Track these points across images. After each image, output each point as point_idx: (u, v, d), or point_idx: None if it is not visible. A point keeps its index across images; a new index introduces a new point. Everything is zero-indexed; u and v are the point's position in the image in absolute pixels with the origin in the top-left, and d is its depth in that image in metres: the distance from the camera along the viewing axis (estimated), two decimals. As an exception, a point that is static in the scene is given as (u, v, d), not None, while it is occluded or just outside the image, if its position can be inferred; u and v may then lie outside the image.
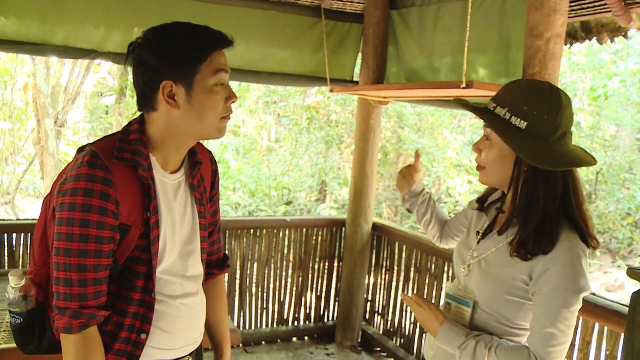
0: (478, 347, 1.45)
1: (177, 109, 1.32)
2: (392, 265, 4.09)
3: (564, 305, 1.39)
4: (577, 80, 9.48)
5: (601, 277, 8.10)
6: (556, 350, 1.39)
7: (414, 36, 3.65)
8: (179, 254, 1.44)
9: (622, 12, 2.70)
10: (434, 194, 8.91)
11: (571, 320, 1.40)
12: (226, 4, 3.52)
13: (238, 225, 4.03)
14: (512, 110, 1.44)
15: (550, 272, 1.40)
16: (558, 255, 1.40)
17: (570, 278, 1.38)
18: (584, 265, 1.41)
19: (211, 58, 1.32)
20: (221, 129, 1.38)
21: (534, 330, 1.43)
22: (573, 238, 1.42)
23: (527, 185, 1.44)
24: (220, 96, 1.34)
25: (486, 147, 1.51)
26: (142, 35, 1.33)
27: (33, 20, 3.10)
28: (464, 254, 1.65)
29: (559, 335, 1.39)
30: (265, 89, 9.39)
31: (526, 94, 1.45)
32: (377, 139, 4.04)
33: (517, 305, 1.48)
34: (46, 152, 8.60)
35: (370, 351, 4.17)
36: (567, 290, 1.38)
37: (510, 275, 1.47)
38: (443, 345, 1.54)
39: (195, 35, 1.32)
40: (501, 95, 1.50)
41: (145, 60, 1.30)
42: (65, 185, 1.27)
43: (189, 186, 1.48)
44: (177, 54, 1.29)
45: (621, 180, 9.38)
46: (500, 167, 1.49)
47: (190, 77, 1.30)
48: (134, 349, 1.37)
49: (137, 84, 1.35)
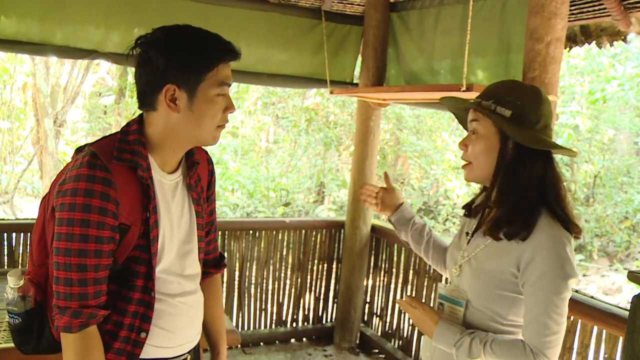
0: (473, 343, 1.47)
1: (176, 112, 1.32)
2: (390, 267, 4.09)
3: (553, 293, 1.41)
4: (576, 84, 9.50)
5: (599, 280, 8.10)
6: (550, 340, 1.41)
7: (413, 38, 3.66)
8: (176, 253, 1.44)
9: (621, 16, 2.71)
10: (432, 196, 8.92)
11: (562, 308, 1.42)
12: (226, 5, 3.52)
13: (237, 226, 4.03)
14: (496, 101, 1.51)
15: (536, 261, 1.42)
16: (541, 243, 1.43)
17: (556, 264, 1.41)
18: (569, 251, 1.43)
19: (218, 69, 1.32)
20: (215, 137, 1.39)
21: (527, 322, 1.45)
22: (554, 225, 1.45)
23: (509, 168, 1.49)
24: (220, 106, 1.35)
25: (472, 140, 1.55)
26: (151, 31, 1.32)
27: (33, 20, 3.10)
28: (455, 255, 1.68)
29: (552, 324, 1.41)
30: (264, 90, 9.39)
31: (508, 88, 1.55)
32: (377, 140, 4.04)
33: (509, 300, 1.50)
34: (45, 151, 8.59)
35: (368, 353, 4.17)
36: (554, 277, 1.41)
37: (498, 269, 1.49)
38: (439, 344, 1.55)
39: (205, 43, 1.32)
40: (485, 92, 1.58)
41: (151, 60, 1.29)
42: (64, 185, 1.27)
43: (186, 186, 1.48)
44: (184, 60, 1.29)
45: (619, 183, 9.40)
46: (486, 158, 1.53)
47: (194, 85, 1.30)
48: (134, 347, 1.37)
49: (139, 82, 1.35)
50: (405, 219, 1.94)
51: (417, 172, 8.89)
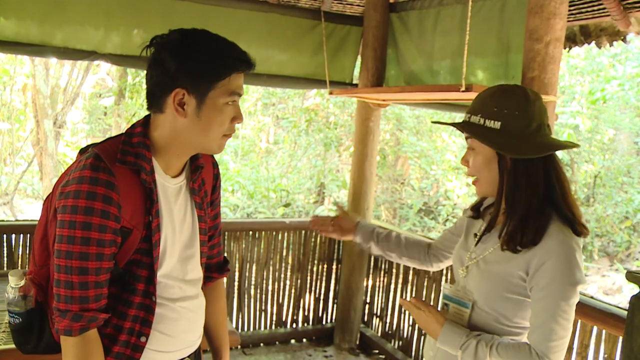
0: (479, 346, 1.47)
1: (184, 117, 1.30)
2: (390, 267, 4.09)
3: (562, 298, 1.41)
4: (576, 84, 9.50)
5: (599, 280, 8.11)
6: (557, 344, 1.41)
7: (413, 39, 3.66)
8: (178, 257, 1.44)
9: (620, 16, 2.71)
10: (433, 197, 8.92)
11: (570, 313, 1.42)
12: (226, 6, 3.52)
13: (237, 227, 4.04)
14: (484, 114, 1.49)
15: (546, 266, 1.42)
16: (552, 248, 1.42)
17: (566, 270, 1.41)
18: (578, 258, 1.43)
19: (230, 78, 1.30)
20: (221, 146, 1.38)
21: (534, 326, 1.45)
22: (565, 231, 1.45)
23: (509, 181, 1.49)
24: (228, 115, 1.33)
25: (471, 156, 1.56)
26: (167, 32, 1.30)
27: (33, 21, 3.10)
28: (462, 256, 1.67)
29: (559, 330, 1.41)
30: (264, 91, 9.40)
31: (494, 97, 1.51)
32: (376, 141, 4.04)
33: (516, 303, 1.50)
34: (45, 152, 8.59)
35: (369, 353, 4.17)
36: (563, 282, 1.41)
37: (507, 272, 1.49)
38: (444, 346, 1.55)
39: (220, 50, 1.30)
40: (473, 105, 1.56)
41: (164, 62, 1.28)
42: (67, 187, 1.27)
43: (190, 190, 1.47)
44: (197, 65, 1.27)
45: (619, 183, 9.40)
46: (488, 172, 1.53)
47: (204, 92, 1.29)
48: (133, 351, 1.36)
49: (149, 81, 1.33)
50: (368, 232, 1.93)
51: (417, 173, 8.89)
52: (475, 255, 1.61)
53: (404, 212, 8.97)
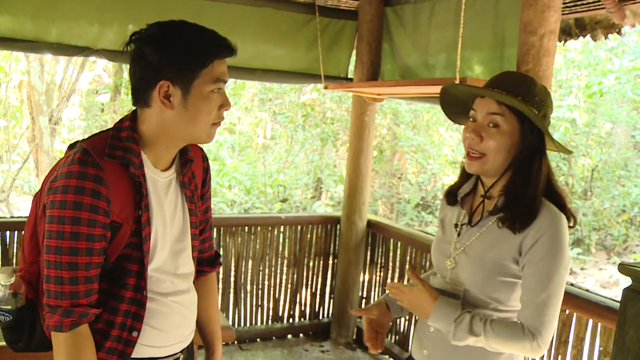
0: (474, 320, 1.47)
1: (170, 109, 1.31)
2: (386, 262, 4.09)
3: (554, 272, 1.44)
4: (573, 77, 9.50)
5: (596, 274, 8.13)
6: (549, 320, 1.43)
7: (408, 33, 3.64)
8: (169, 251, 1.43)
9: (615, 9, 2.70)
10: (430, 191, 8.93)
11: (560, 290, 1.45)
12: (220, 1, 3.50)
13: (233, 222, 4.03)
14: (525, 98, 1.46)
15: (538, 243, 1.45)
16: (544, 226, 1.45)
17: (557, 247, 1.44)
18: (567, 239, 1.47)
19: (213, 65, 1.30)
20: (210, 135, 1.38)
21: (525, 303, 1.46)
22: (556, 210, 1.49)
23: (524, 162, 1.50)
24: (215, 103, 1.33)
25: (492, 134, 1.48)
26: (145, 27, 1.31)
27: (26, 17, 3.09)
28: (444, 249, 1.65)
29: (550, 305, 1.43)
30: (260, 86, 9.38)
31: (531, 84, 1.50)
32: (372, 135, 4.04)
33: (510, 286, 1.51)
34: (40, 149, 8.58)
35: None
36: (556, 258, 1.44)
37: (500, 255, 1.50)
38: (437, 322, 1.51)
39: (200, 39, 1.30)
40: (508, 83, 1.50)
41: (145, 56, 1.28)
42: (55, 182, 1.26)
43: (180, 184, 1.47)
44: (179, 56, 1.27)
45: (616, 177, 9.41)
46: (505, 154, 1.49)
47: (188, 81, 1.29)
48: (125, 346, 1.36)
49: (133, 78, 1.33)
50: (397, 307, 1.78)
51: (414, 167, 8.89)
52: (460, 245, 1.60)
53: (402, 206, 8.97)
